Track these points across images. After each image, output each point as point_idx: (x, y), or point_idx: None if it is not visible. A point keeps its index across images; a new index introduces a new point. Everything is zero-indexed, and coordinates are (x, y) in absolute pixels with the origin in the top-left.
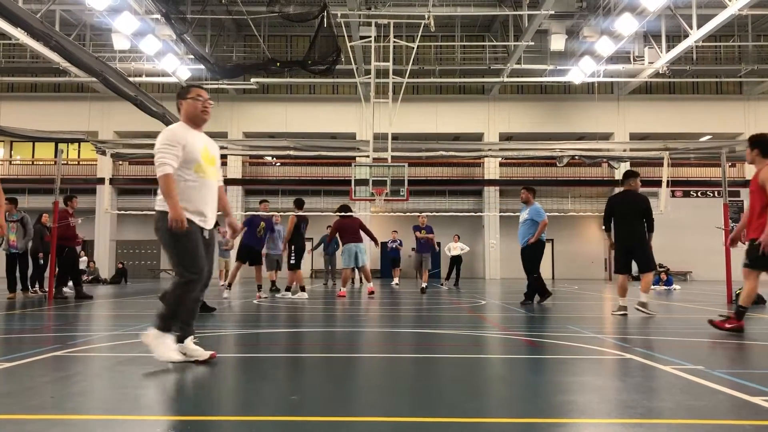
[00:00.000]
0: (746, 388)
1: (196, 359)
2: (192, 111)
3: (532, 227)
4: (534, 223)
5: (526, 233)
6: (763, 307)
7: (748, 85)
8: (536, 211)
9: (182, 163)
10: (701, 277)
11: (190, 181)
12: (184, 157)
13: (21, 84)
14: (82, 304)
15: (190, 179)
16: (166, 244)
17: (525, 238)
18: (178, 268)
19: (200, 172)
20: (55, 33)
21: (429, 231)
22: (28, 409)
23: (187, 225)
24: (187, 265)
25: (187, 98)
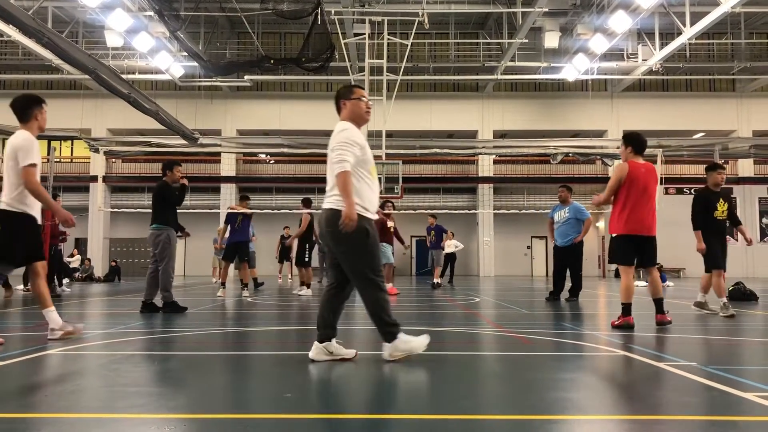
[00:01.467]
0: (739, 384)
1: (342, 357)
2: (357, 111)
3: (576, 225)
4: (578, 221)
5: (568, 232)
6: (755, 303)
7: (741, 83)
8: (579, 209)
9: (360, 163)
10: (694, 273)
11: (367, 181)
12: (361, 157)
13: (13, 81)
14: (73, 303)
15: (367, 179)
16: (356, 245)
17: (568, 237)
18: (367, 271)
19: (373, 173)
20: (47, 30)
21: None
22: (22, 408)
23: (366, 225)
24: (376, 266)
25: (351, 98)
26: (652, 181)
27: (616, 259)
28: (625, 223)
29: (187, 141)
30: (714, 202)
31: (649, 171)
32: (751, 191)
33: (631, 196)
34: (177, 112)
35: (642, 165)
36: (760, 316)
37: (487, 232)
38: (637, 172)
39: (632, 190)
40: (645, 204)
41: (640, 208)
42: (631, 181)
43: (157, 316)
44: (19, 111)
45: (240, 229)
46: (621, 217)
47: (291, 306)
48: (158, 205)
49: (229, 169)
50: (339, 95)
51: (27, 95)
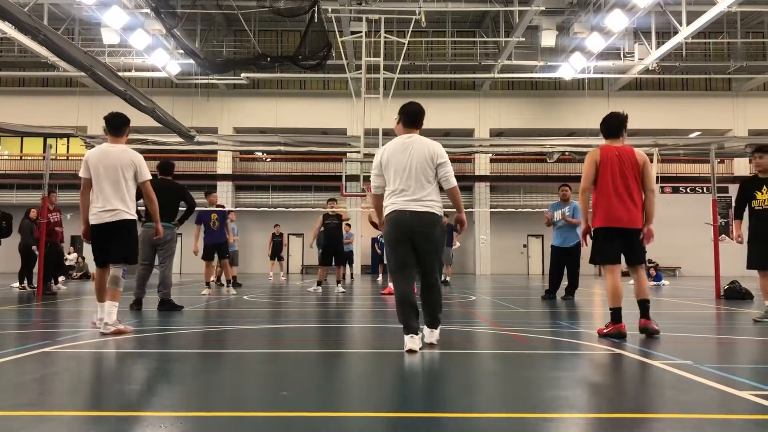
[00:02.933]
0: (734, 382)
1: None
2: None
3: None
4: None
5: (568, 233)
6: (750, 302)
7: (737, 82)
8: (578, 210)
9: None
10: (690, 272)
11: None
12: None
13: (9, 78)
14: (68, 300)
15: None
16: (441, 244)
17: (569, 238)
18: (439, 266)
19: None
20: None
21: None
22: (17, 406)
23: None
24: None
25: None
26: (628, 166)
27: (596, 258)
28: (600, 215)
29: (183, 139)
30: (753, 189)
31: (625, 154)
32: None
33: (605, 183)
34: (173, 110)
35: (615, 148)
36: (755, 314)
37: (483, 231)
38: (608, 155)
39: (605, 176)
40: (622, 192)
41: (617, 197)
42: (603, 166)
43: (152, 313)
44: (115, 126)
45: (216, 230)
46: (596, 207)
47: (286, 304)
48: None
49: (225, 167)
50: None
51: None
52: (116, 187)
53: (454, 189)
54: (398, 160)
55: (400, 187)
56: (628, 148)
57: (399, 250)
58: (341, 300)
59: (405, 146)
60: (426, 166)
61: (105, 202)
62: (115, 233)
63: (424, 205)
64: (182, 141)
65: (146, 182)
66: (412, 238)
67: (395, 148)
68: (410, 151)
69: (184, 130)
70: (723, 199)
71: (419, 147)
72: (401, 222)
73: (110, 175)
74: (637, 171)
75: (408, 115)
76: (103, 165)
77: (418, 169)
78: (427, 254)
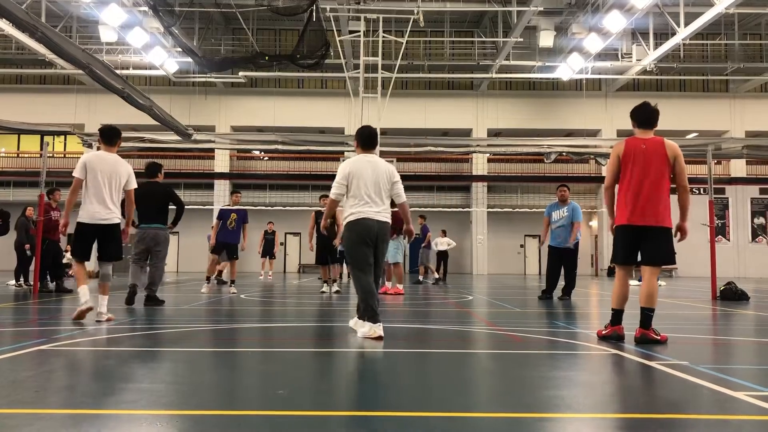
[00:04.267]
0: (729, 383)
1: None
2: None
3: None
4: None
5: (566, 234)
6: (746, 303)
7: (735, 83)
8: (577, 211)
9: None
10: (686, 273)
11: None
12: None
13: (6, 76)
14: (65, 298)
15: None
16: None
17: (567, 239)
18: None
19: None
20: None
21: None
22: (12, 404)
23: None
24: None
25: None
26: (656, 159)
27: (613, 257)
28: (621, 211)
29: (180, 137)
30: None
31: (654, 146)
32: (743, 191)
33: (630, 178)
34: (171, 108)
35: (643, 140)
36: (751, 315)
37: (480, 231)
38: (633, 148)
39: (628, 170)
40: (648, 187)
41: (642, 193)
42: (626, 158)
43: (150, 311)
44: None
45: (232, 230)
46: (620, 204)
47: (282, 303)
48: (166, 205)
49: (222, 166)
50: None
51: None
52: (111, 191)
53: (405, 203)
54: (366, 175)
55: (366, 199)
56: (657, 139)
57: (366, 251)
58: (336, 299)
59: (369, 163)
60: (386, 182)
61: (101, 205)
62: (109, 235)
63: (386, 216)
64: (180, 139)
65: (132, 190)
66: (376, 242)
67: (361, 164)
68: (374, 168)
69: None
70: (720, 201)
71: (381, 165)
72: (371, 228)
73: (107, 180)
74: (666, 165)
75: (363, 137)
76: (101, 170)
77: (381, 185)
78: (381, 256)
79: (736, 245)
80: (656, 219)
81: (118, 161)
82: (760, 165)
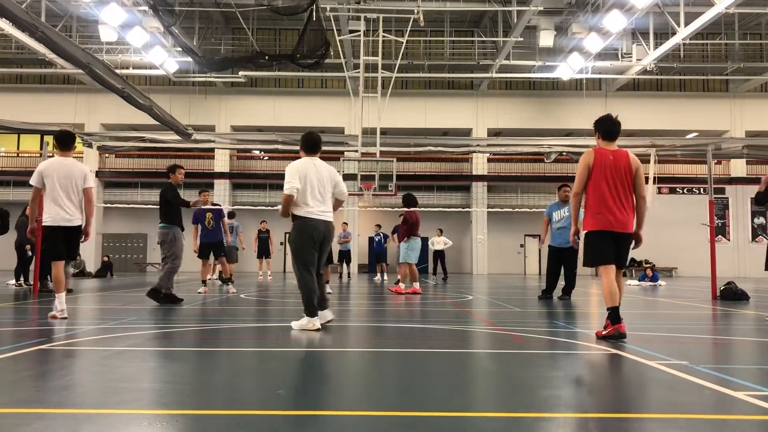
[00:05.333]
0: (729, 383)
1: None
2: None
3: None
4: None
5: (567, 234)
6: (746, 303)
7: (735, 83)
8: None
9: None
10: (686, 273)
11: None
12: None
13: (6, 75)
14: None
15: None
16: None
17: (568, 238)
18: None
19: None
20: (40, 24)
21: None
22: (13, 403)
23: None
24: None
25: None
26: (622, 170)
27: (590, 260)
28: (592, 218)
29: (180, 136)
30: None
31: (620, 158)
32: (743, 191)
33: (598, 187)
34: (171, 108)
35: (610, 152)
36: (751, 315)
37: (480, 230)
38: (602, 158)
39: (598, 180)
40: (617, 196)
41: (612, 201)
42: (596, 169)
43: (151, 312)
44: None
45: (212, 229)
46: (588, 211)
47: (280, 302)
48: (163, 205)
49: (222, 165)
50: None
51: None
52: (70, 195)
53: (343, 202)
54: (311, 177)
55: (313, 199)
56: (623, 152)
57: (313, 251)
58: (339, 299)
59: (314, 166)
60: (329, 183)
61: (63, 209)
62: (72, 236)
63: (330, 216)
64: (180, 139)
65: (89, 188)
66: (322, 242)
67: (307, 166)
68: (319, 170)
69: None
70: (720, 200)
71: (324, 168)
72: (317, 229)
73: (66, 184)
74: (630, 176)
75: (308, 143)
76: (57, 176)
77: (325, 186)
78: (324, 255)
79: (736, 245)
80: (625, 226)
81: (73, 164)
82: (760, 165)
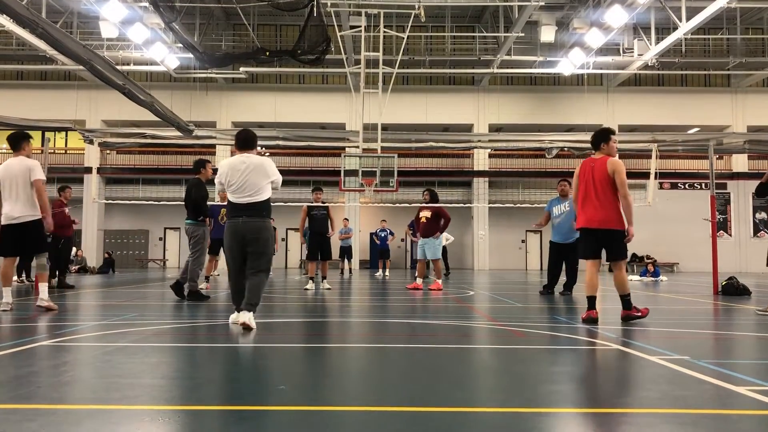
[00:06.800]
0: (731, 378)
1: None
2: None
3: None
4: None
5: (568, 228)
6: (748, 298)
7: (736, 78)
8: None
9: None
10: (688, 268)
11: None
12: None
13: (7, 72)
14: (67, 294)
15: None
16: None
17: (569, 234)
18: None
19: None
20: (41, 20)
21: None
22: (15, 399)
23: None
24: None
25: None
26: (597, 175)
27: (579, 253)
28: (578, 217)
29: (182, 133)
30: None
31: (597, 164)
32: (745, 186)
33: (580, 191)
34: (172, 104)
35: (591, 160)
36: (752, 310)
37: (481, 226)
38: (584, 167)
39: (580, 186)
40: (593, 197)
41: (589, 202)
42: (580, 177)
43: (153, 308)
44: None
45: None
46: (577, 211)
47: (285, 299)
48: (190, 202)
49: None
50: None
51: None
52: (18, 193)
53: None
54: (236, 174)
55: (234, 198)
56: (602, 159)
57: (235, 250)
58: (342, 295)
59: (243, 163)
60: (258, 179)
61: (11, 209)
62: (20, 233)
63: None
64: (181, 135)
65: (36, 181)
66: (244, 241)
67: (234, 163)
68: (247, 167)
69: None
70: (721, 196)
71: (255, 163)
72: (237, 228)
73: (9, 184)
74: (607, 179)
75: (239, 140)
76: (5, 177)
77: (252, 182)
78: (253, 253)
79: (737, 240)
80: (605, 223)
81: (20, 162)
82: (761, 160)
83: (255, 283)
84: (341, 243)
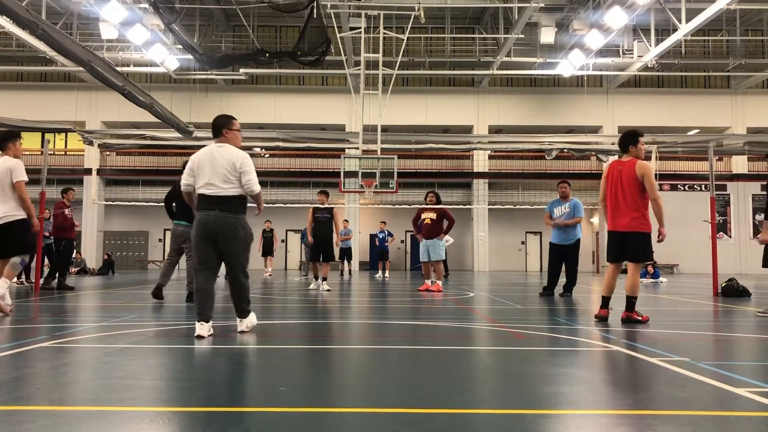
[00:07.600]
0: (731, 379)
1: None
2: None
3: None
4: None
5: (570, 229)
6: (748, 299)
7: (736, 80)
8: (578, 206)
9: None
10: (687, 269)
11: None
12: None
13: (7, 73)
14: (67, 295)
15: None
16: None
17: (569, 235)
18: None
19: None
20: (41, 21)
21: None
22: (15, 400)
23: None
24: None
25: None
26: (625, 178)
27: (608, 257)
28: (608, 221)
29: (181, 134)
30: None
31: (625, 167)
32: (744, 188)
33: (609, 193)
34: (172, 105)
35: (619, 162)
36: (752, 312)
37: (481, 228)
38: (612, 169)
39: (608, 188)
40: (621, 201)
41: (613, 205)
42: (607, 180)
43: (154, 308)
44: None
45: None
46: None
47: (281, 300)
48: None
49: None
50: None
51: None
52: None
53: (258, 194)
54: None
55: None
56: (631, 162)
57: (205, 247)
58: (342, 296)
59: (212, 153)
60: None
61: None
62: (7, 233)
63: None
64: (180, 136)
65: (18, 182)
66: (215, 238)
67: (203, 155)
68: (218, 158)
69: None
70: (721, 197)
71: (225, 155)
72: (206, 223)
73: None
74: (635, 182)
75: (212, 128)
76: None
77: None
78: (227, 252)
79: (737, 242)
80: (630, 226)
81: (3, 163)
82: (761, 161)
83: (238, 286)
84: (341, 244)
